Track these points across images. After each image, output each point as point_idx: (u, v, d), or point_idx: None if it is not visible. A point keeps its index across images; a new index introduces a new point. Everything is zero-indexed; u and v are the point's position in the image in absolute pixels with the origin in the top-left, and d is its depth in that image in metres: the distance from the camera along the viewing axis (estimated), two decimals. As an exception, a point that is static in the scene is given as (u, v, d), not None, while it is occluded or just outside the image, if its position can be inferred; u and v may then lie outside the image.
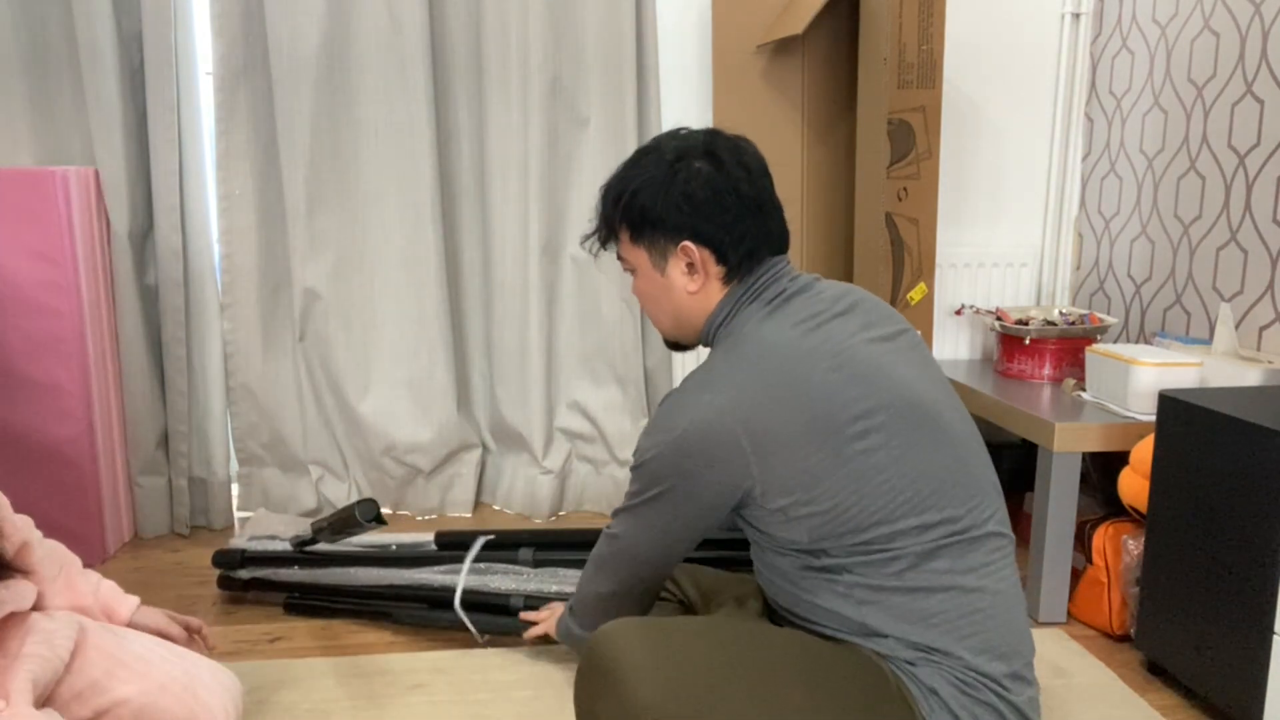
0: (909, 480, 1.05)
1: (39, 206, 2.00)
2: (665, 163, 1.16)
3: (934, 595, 1.04)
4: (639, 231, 1.19)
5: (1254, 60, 1.97)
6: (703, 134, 1.19)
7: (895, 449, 1.05)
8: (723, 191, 1.14)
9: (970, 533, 1.07)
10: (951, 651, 1.03)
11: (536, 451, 2.44)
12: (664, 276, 1.20)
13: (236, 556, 1.92)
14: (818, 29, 2.22)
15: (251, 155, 2.27)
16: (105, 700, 1.27)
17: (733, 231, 1.15)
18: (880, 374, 1.07)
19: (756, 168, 1.18)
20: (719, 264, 1.17)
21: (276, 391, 2.37)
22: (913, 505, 1.05)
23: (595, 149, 2.32)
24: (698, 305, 1.20)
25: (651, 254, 1.20)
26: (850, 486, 1.04)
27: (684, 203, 1.14)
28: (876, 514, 1.04)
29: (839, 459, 1.04)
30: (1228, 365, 1.83)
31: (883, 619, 1.05)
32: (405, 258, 2.30)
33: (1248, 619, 1.42)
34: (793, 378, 1.05)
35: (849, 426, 1.04)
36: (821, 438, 1.04)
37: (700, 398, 1.07)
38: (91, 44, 2.09)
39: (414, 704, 1.58)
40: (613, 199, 1.21)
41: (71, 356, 2.07)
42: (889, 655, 1.05)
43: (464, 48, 2.28)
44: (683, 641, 1.02)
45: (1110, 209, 2.48)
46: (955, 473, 1.08)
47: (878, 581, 1.05)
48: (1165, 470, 1.60)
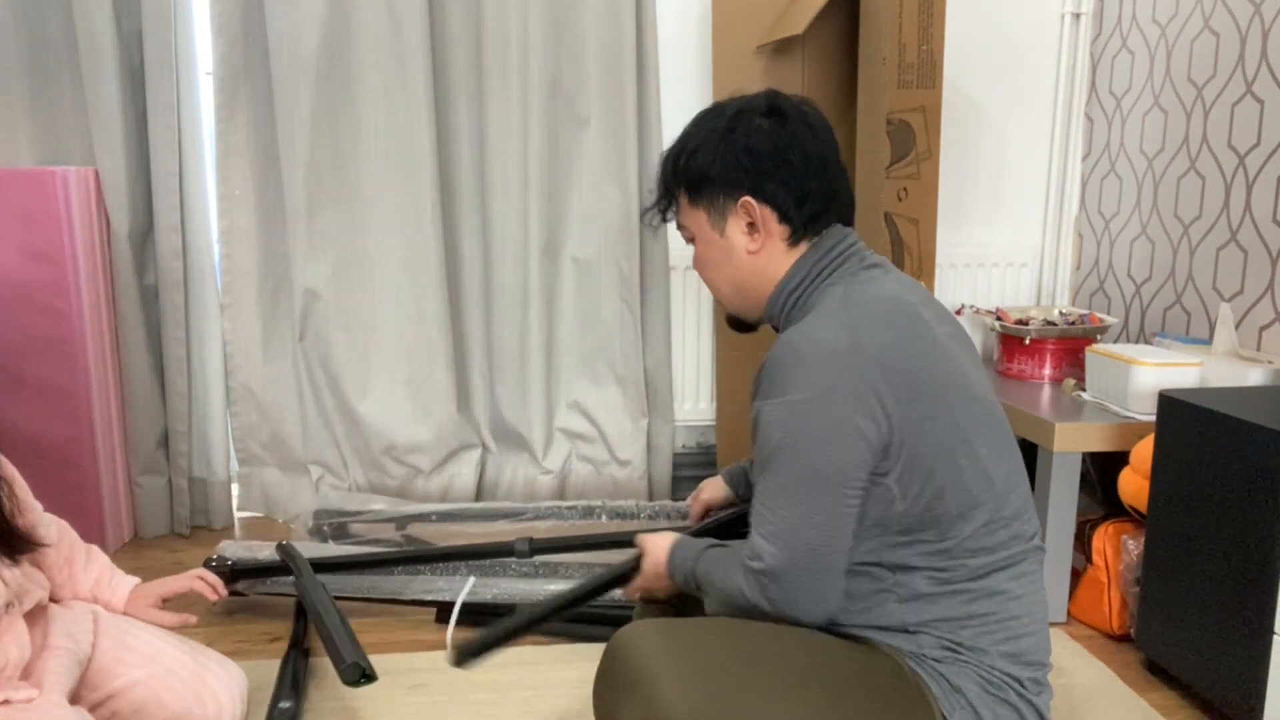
0: (993, 478, 1.03)
1: (39, 206, 2.00)
2: (724, 118, 1.12)
3: (978, 600, 1.03)
4: (697, 192, 1.14)
5: (1254, 60, 1.97)
6: (765, 93, 1.14)
7: (982, 444, 1.03)
8: (786, 147, 1.08)
9: (1029, 542, 1.06)
10: (985, 650, 1.02)
11: (536, 451, 2.44)
12: (723, 238, 1.13)
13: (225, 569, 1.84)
14: (818, 29, 2.22)
15: (251, 155, 2.27)
16: (115, 684, 1.29)
17: (796, 189, 1.09)
18: (968, 369, 1.06)
19: (821, 126, 1.12)
20: (781, 223, 1.10)
21: (276, 391, 2.37)
22: (997, 501, 1.02)
23: (595, 149, 2.32)
24: (759, 269, 1.13)
25: (710, 214, 1.13)
26: (954, 460, 1.00)
27: (744, 157, 1.09)
28: (971, 504, 1.01)
29: (954, 434, 1.00)
30: (1228, 365, 1.83)
31: (922, 617, 1.03)
32: (405, 258, 2.30)
33: (1248, 619, 1.42)
34: (922, 334, 1.02)
35: (962, 403, 1.01)
36: (947, 406, 1.00)
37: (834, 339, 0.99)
38: (91, 44, 2.09)
39: (414, 704, 1.58)
40: (671, 162, 1.16)
41: (71, 356, 2.07)
42: (913, 652, 1.02)
43: (464, 48, 2.28)
44: (704, 644, 1.00)
45: (1110, 209, 2.48)
46: (1022, 478, 1.07)
47: (927, 589, 1.02)
48: (1165, 470, 1.60)
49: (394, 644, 1.80)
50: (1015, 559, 1.05)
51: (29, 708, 1.11)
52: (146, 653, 1.33)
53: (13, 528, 1.22)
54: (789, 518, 1.00)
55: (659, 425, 2.47)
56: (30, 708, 1.11)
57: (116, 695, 1.29)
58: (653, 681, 0.96)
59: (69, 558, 1.41)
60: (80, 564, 1.42)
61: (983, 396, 1.06)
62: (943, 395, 1.01)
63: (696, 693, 0.94)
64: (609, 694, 1.02)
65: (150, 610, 1.43)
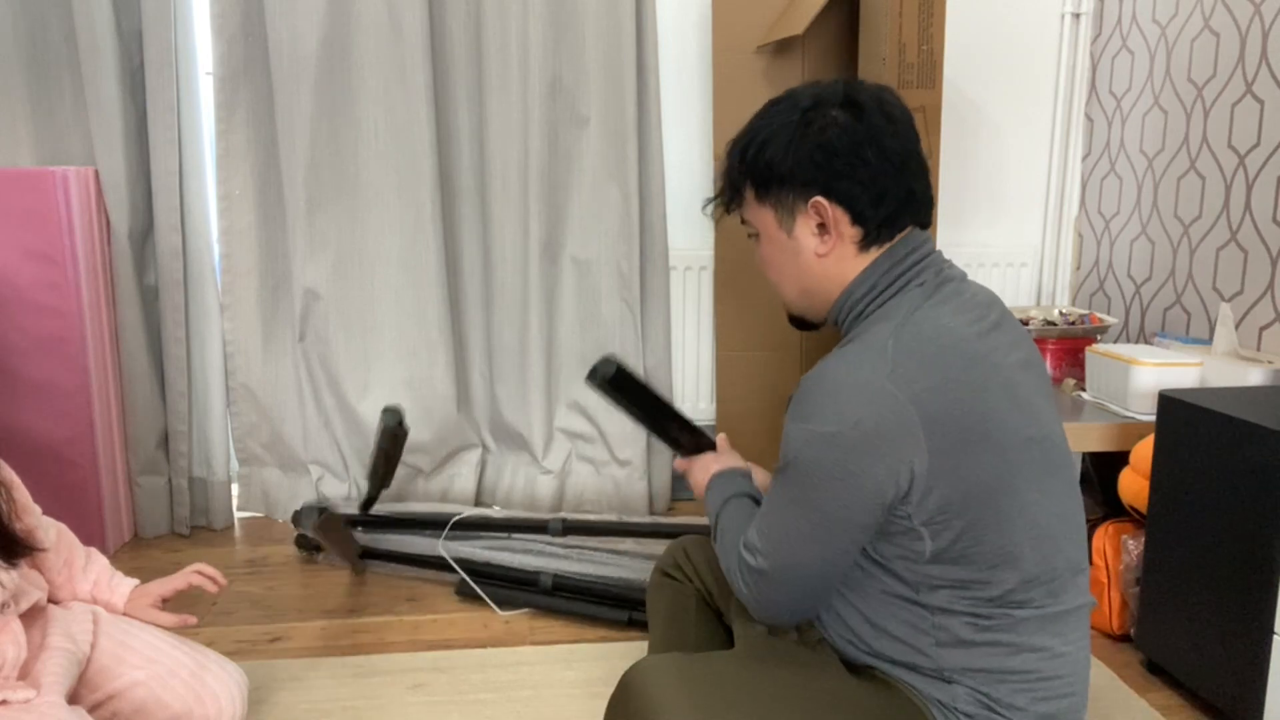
0: (1043, 525, 0.96)
1: (39, 206, 2.00)
2: (798, 110, 1.03)
3: (1022, 654, 0.96)
4: (765, 188, 1.05)
5: (1254, 60, 1.97)
6: (842, 81, 1.05)
7: (1034, 490, 0.96)
8: (862, 143, 1.00)
9: (1075, 600, 1.00)
10: (1021, 708, 0.97)
11: (536, 451, 2.44)
12: (791, 238, 1.06)
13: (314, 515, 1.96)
14: (818, 29, 2.22)
15: (251, 155, 2.27)
16: (115, 685, 1.30)
17: (872, 189, 1.00)
18: (1028, 405, 0.98)
19: (903, 119, 1.03)
20: (854, 225, 1.02)
21: (276, 391, 2.37)
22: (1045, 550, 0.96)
23: (595, 149, 2.32)
24: (828, 272, 1.05)
25: (778, 212, 1.06)
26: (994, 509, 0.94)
27: (817, 153, 1.00)
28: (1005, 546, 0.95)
29: (994, 480, 0.94)
30: (1228, 365, 1.83)
31: (959, 665, 0.97)
32: (405, 258, 2.30)
33: (1247, 619, 1.42)
34: (973, 378, 0.94)
35: (1010, 450, 0.94)
36: (989, 451, 0.93)
37: (876, 380, 0.92)
38: (91, 44, 2.09)
39: (414, 704, 1.58)
40: (738, 154, 1.08)
41: (71, 356, 2.07)
42: (945, 703, 0.97)
43: (464, 48, 2.28)
44: (720, 684, 0.98)
45: (1110, 209, 2.48)
46: (1076, 528, 1.01)
47: (967, 635, 0.96)
48: (1165, 470, 1.60)
49: (394, 644, 1.80)
50: (1064, 615, 0.99)
51: (27, 708, 1.11)
52: (146, 653, 1.33)
53: (11, 532, 1.22)
54: (787, 534, 0.99)
55: (659, 425, 2.46)
56: (28, 708, 1.11)
57: (117, 696, 1.30)
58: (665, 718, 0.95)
59: (68, 560, 1.41)
60: (79, 566, 1.42)
61: (1043, 438, 0.98)
62: (989, 440, 0.93)
63: None
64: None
65: (150, 611, 1.43)
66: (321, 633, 1.84)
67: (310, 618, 1.91)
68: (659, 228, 2.38)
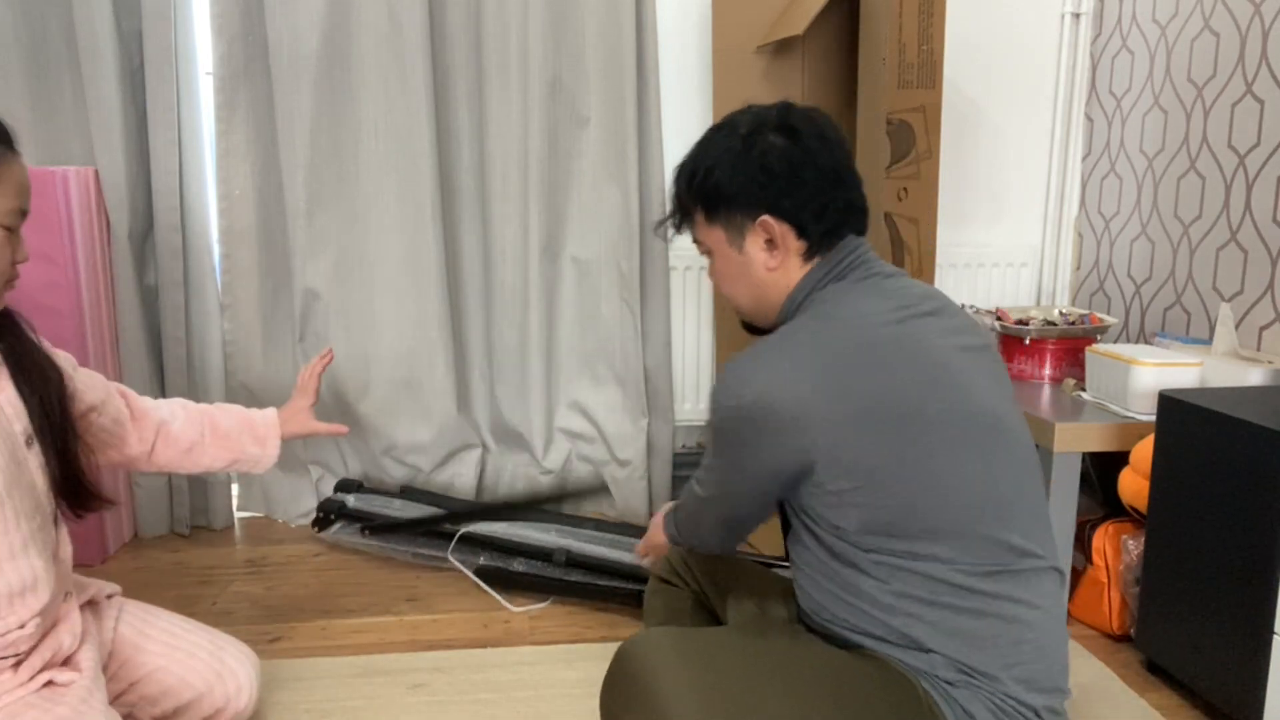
0: (981, 492, 1.01)
1: (39, 206, 2.00)
2: (739, 137, 1.12)
3: (985, 618, 1.00)
4: (714, 210, 1.15)
5: (1254, 60, 1.97)
6: (776, 107, 1.15)
7: (973, 459, 1.01)
8: (801, 164, 1.10)
9: (1032, 561, 1.03)
10: (996, 676, 1.00)
11: (536, 451, 2.44)
12: (742, 254, 1.15)
13: None
14: (818, 29, 2.22)
15: (251, 155, 2.27)
16: (137, 674, 1.32)
17: (812, 204, 1.10)
18: (964, 383, 1.03)
19: (834, 138, 1.13)
20: (799, 239, 1.12)
21: (276, 391, 2.37)
22: (982, 515, 1.00)
23: (595, 149, 2.32)
24: (777, 283, 1.15)
25: (728, 232, 1.15)
26: (919, 480, 1.00)
27: (760, 175, 1.10)
28: (943, 516, 1.00)
29: (912, 452, 1.00)
30: (1228, 365, 1.83)
31: (928, 634, 1.00)
32: (405, 258, 2.30)
33: (1247, 619, 1.42)
34: (872, 361, 1.01)
35: (929, 424, 1.00)
36: (894, 426, 0.99)
37: (772, 364, 1.02)
38: (91, 44, 2.09)
39: (414, 704, 1.58)
40: (686, 179, 1.17)
41: (71, 356, 2.07)
42: (927, 672, 1.00)
43: (464, 48, 2.28)
44: (715, 655, 1.00)
45: (1110, 209, 2.48)
46: (1024, 496, 1.04)
47: (929, 595, 1.00)
48: (1165, 470, 1.60)
49: (394, 644, 1.80)
50: (1024, 580, 1.02)
51: (66, 691, 1.15)
52: (164, 639, 1.36)
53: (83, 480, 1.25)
54: (713, 479, 1.14)
55: (659, 425, 2.47)
56: (69, 691, 1.15)
57: (140, 682, 1.33)
58: (661, 693, 0.96)
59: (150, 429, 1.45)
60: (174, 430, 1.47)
61: (982, 413, 1.03)
62: (898, 417, 0.99)
63: (705, 706, 0.94)
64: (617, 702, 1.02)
65: (311, 423, 1.59)
66: (321, 633, 1.84)
67: (310, 618, 1.91)
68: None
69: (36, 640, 1.16)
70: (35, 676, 1.15)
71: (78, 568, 2.11)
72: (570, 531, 2.10)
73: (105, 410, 1.37)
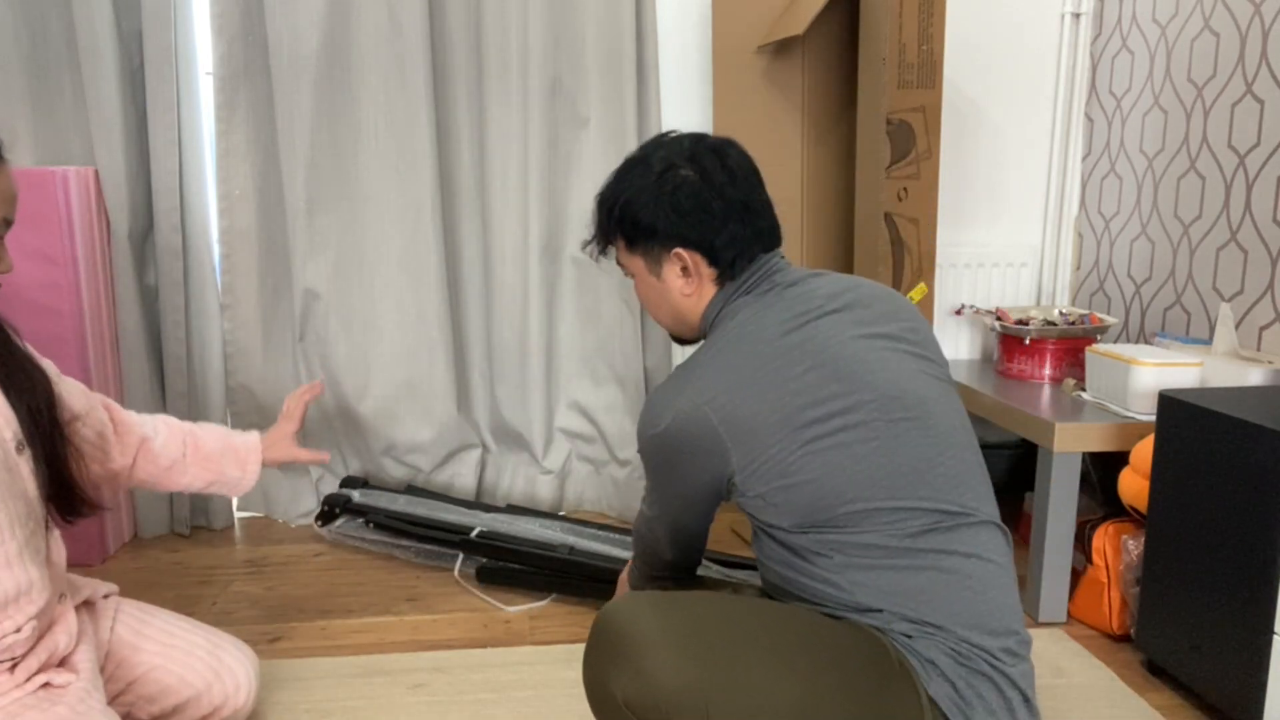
0: (888, 469, 1.07)
1: (39, 206, 2.00)
2: (653, 173, 1.21)
3: (922, 573, 1.06)
4: (633, 241, 1.24)
5: (1254, 60, 1.97)
6: (688, 140, 1.23)
7: (874, 440, 1.08)
8: (708, 199, 1.18)
9: (959, 519, 1.09)
10: (944, 625, 1.05)
11: (536, 451, 2.44)
12: (660, 281, 1.25)
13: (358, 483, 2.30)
14: (818, 29, 2.22)
15: (251, 155, 2.27)
16: (135, 674, 1.32)
17: (720, 235, 1.19)
18: (864, 371, 1.10)
19: (740, 170, 1.21)
20: (711, 266, 1.21)
21: (276, 391, 2.37)
22: (893, 490, 1.07)
23: (595, 149, 2.32)
24: (693, 305, 1.25)
25: (647, 260, 1.24)
26: (825, 474, 1.07)
27: (671, 212, 1.19)
28: (854, 498, 1.07)
29: (812, 450, 1.07)
30: (1228, 365, 1.83)
31: (874, 596, 1.07)
32: (405, 258, 2.30)
33: (1247, 619, 1.42)
34: (767, 374, 1.09)
35: (823, 422, 1.07)
36: (794, 430, 1.07)
37: (682, 392, 1.12)
38: (91, 44, 2.09)
39: (414, 704, 1.58)
40: (605, 210, 1.26)
41: (71, 356, 2.07)
42: (886, 629, 1.06)
43: (464, 48, 2.28)
44: (693, 613, 1.03)
45: (1110, 209, 2.48)
46: (941, 465, 1.10)
47: (866, 561, 1.07)
48: (1165, 470, 1.60)
49: (394, 644, 1.80)
50: (957, 534, 1.08)
51: (64, 693, 1.15)
52: (161, 638, 1.36)
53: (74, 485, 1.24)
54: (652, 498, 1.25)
55: (659, 425, 2.46)
56: (65, 693, 1.15)
57: (137, 681, 1.32)
58: (642, 651, 0.98)
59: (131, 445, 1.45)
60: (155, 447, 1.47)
61: (885, 394, 1.09)
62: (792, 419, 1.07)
63: (686, 662, 0.97)
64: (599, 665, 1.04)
65: (293, 450, 1.59)
66: (321, 633, 1.84)
67: (310, 618, 1.91)
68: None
69: (32, 643, 1.16)
70: (32, 678, 1.15)
71: (77, 568, 2.12)
72: (574, 529, 2.10)
73: (89, 421, 1.37)
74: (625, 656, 0.99)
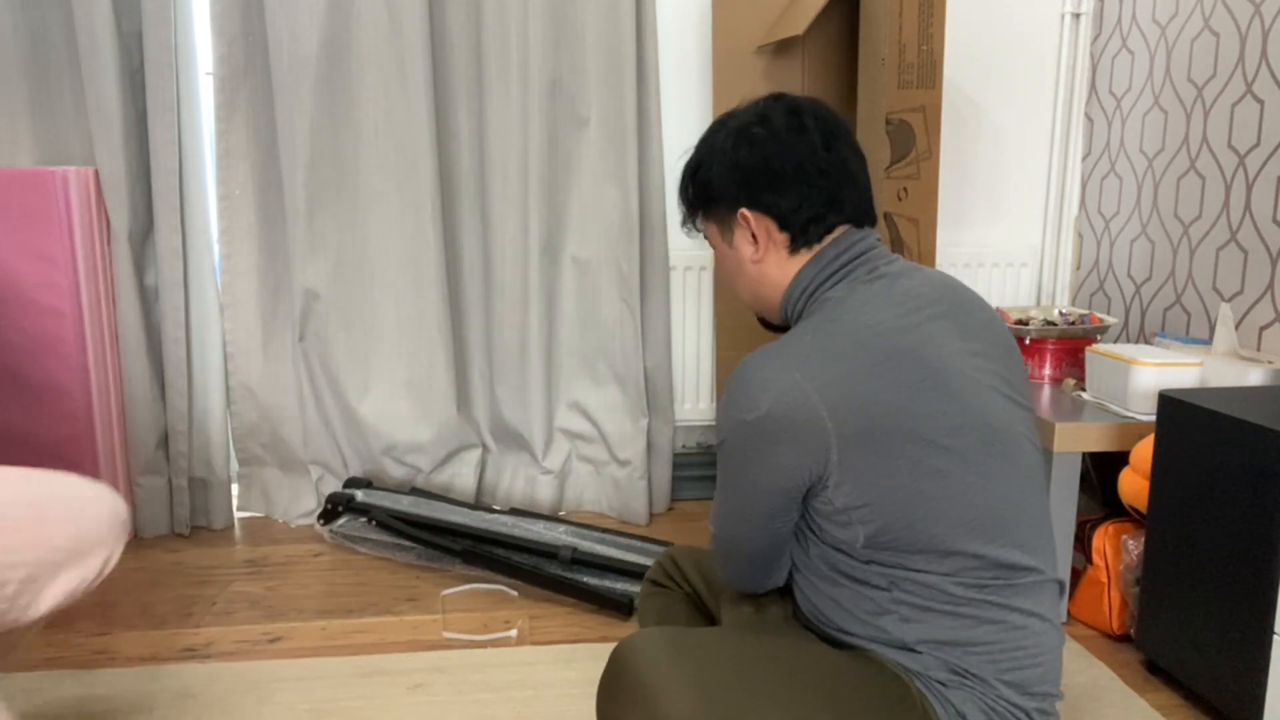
0: (979, 509, 1.00)
1: (39, 206, 2.00)
2: (725, 131, 1.15)
3: (981, 626, 1.01)
4: (708, 206, 1.18)
5: (1254, 60, 1.97)
6: (765, 99, 1.15)
7: (971, 475, 1.00)
8: (773, 155, 1.10)
9: (1030, 575, 1.03)
10: (987, 680, 1.01)
11: (536, 451, 2.44)
12: (732, 248, 1.17)
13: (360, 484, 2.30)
14: (818, 29, 2.22)
15: (251, 155, 2.27)
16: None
17: (789, 197, 1.10)
18: (971, 394, 1.01)
19: (818, 129, 1.11)
20: (781, 231, 1.12)
21: (276, 391, 2.37)
22: (976, 532, 1.00)
23: (595, 149, 2.32)
24: (767, 276, 1.15)
25: (720, 227, 1.18)
26: (920, 500, 0.98)
27: (735, 171, 1.12)
28: (939, 534, 0.99)
29: (916, 471, 0.98)
30: (1228, 365, 1.83)
31: (922, 639, 1.01)
32: (405, 258, 2.30)
33: (1247, 619, 1.42)
34: (883, 373, 0.99)
35: (931, 443, 0.98)
36: (905, 442, 0.98)
37: (786, 373, 0.99)
38: (91, 44, 2.09)
39: (414, 704, 1.58)
40: (688, 178, 1.21)
41: (71, 356, 2.07)
42: (920, 672, 1.01)
43: (464, 48, 2.28)
44: (710, 654, 1.00)
45: (1110, 209, 2.48)
46: (1026, 511, 1.04)
47: (925, 603, 1.01)
48: (1165, 470, 1.60)
49: (394, 644, 1.80)
50: (1022, 591, 1.02)
51: None
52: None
53: None
54: (724, 510, 1.11)
55: (659, 425, 2.47)
56: None
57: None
58: (657, 693, 0.96)
59: None
60: None
61: (988, 425, 1.01)
62: (903, 430, 0.97)
63: (700, 705, 0.94)
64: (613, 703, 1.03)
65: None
66: (321, 633, 1.84)
67: (310, 618, 1.91)
68: (659, 228, 2.38)
69: None
70: None
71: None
72: (576, 531, 2.10)
73: None
74: (637, 697, 0.98)
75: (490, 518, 2.13)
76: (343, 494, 2.22)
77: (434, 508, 2.18)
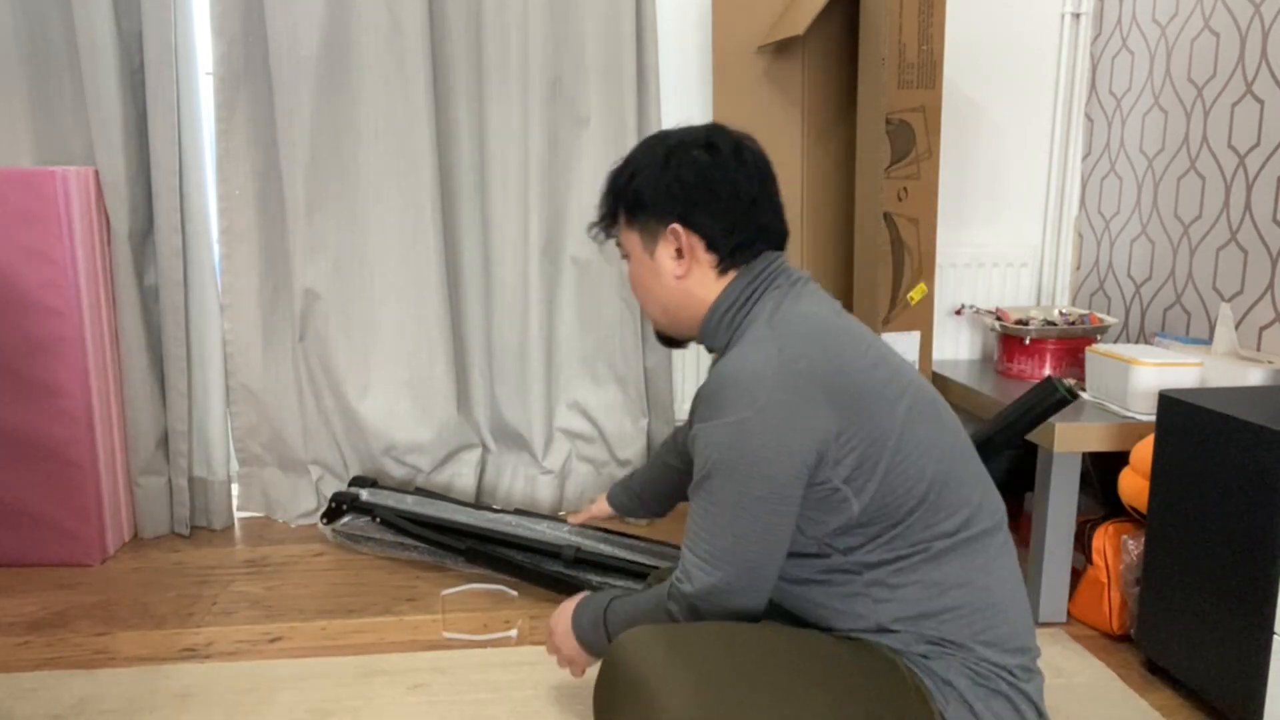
0: (935, 460, 1.06)
1: (39, 206, 2.00)
2: (665, 148, 1.18)
3: (948, 593, 1.05)
4: (634, 214, 1.20)
5: (1254, 60, 1.97)
6: (706, 127, 1.21)
7: (930, 429, 1.07)
8: (716, 181, 1.15)
9: (983, 522, 1.09)
10: (965, 644, 1.05)
11: (536, 451, 2.44)
12: (653, 260, 1.20)
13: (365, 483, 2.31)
14: (818, 29, 2.22)
15: (251, 155, 2.27)
16: None
17: (723, 220, 1.15)
18: (904, 365, 1.12)
19: (754, 163, 1.18)
20: (709, 251, 1.17)
21: (276, 391, 2.37)
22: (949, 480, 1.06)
23: (595, 149, 2.32)
24: (689, 293, 1.19)
25: (643, 236, 1.20)
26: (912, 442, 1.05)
27: (675, 186, 1.15)
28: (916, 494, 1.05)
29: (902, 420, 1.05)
30: (1228, 365, 1.83)
31: (897, 615, 1.06)
32: (405, 258, 2.30)
33: (1247, 619, 1.42)
34: (846, 347, 1.07)
35: (897, 401, 1.06)
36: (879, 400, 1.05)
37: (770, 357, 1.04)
38: (91, 44, 2.09)
39: (414, 704, 1.58)
40: (614, 182, 1.24)
41: (71, 356, 2.07)
42: (902, 650, 1.05)
43: (464, 48, 2.28)
44: (704, 649, 1.01)
45: (1110, 209, 2.48)
46: (965, 460, 1.11)
47: (895, 580, 1.06)
48: (1165, 470, 1.60)
49: (394, 644, 1.80)
50: (981, 541, 1.08)
51: None
52: None
53: None
54: (726, 538, 1.06)
55: (659, 425, 2.47)
56: None
57: None
58: (653, 690, 0.97)
59: None
60: None
61: (916, 388, 1.10)
62: (875, 394, 1.05)
63: (696, 701, 0.95)
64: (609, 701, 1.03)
65: None
66: (321, 633, 1.84)
67: (310, 618, 1.91)
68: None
69: None
70: None
71: (76, 568, 2.12)
72: (579, 531, 2.10)
73: None
74: (634, 695, 0.99)
75: (494, 517, 2.13)
76: (348, 493, 2.22)
77: (437, 507, 2.18)
